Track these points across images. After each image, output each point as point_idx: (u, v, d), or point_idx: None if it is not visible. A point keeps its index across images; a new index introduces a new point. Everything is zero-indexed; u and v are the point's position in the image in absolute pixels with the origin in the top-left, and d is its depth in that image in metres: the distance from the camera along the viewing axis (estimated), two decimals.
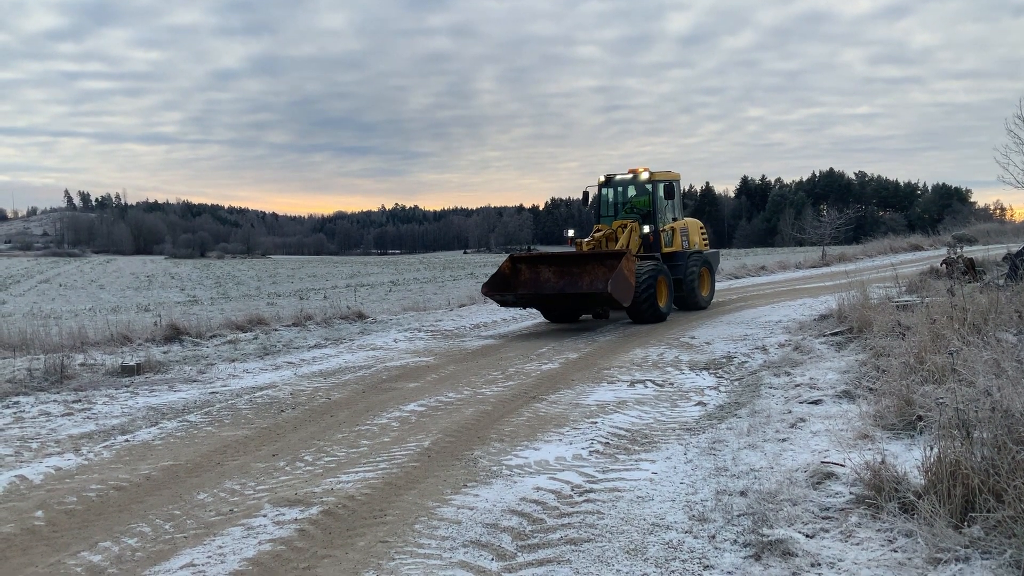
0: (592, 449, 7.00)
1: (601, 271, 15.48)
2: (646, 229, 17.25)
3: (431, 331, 15.96)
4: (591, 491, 5.85)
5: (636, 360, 11.78)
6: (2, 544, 5.07)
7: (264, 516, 5.48)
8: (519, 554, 4.74)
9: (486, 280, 16.18)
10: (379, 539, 5.01)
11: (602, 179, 18.62)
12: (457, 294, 27.46)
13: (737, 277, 31.14)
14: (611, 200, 18.73)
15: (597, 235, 17.21)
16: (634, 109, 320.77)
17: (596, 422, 7.99)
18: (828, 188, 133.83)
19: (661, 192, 17.65)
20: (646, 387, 9.77)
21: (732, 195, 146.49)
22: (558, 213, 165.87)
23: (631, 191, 18.57)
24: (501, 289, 16.03)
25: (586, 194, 18.99)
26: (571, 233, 17.73)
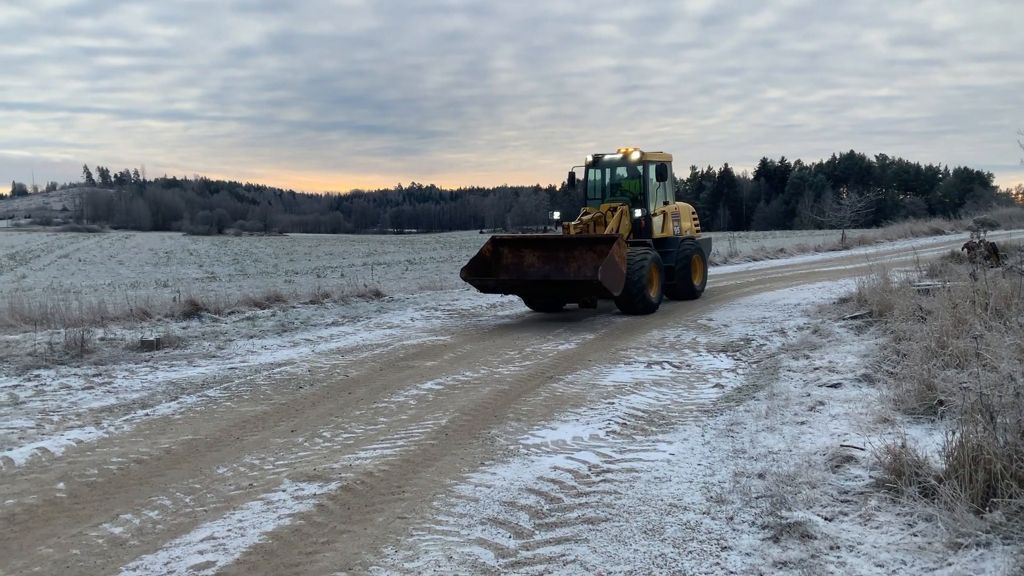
0: (609, 429, 7.01)
1: (590, 257, 14.36)
2: (637, 213, 15.99)
3: (447, 310, 15.97)
4: (608, 471, 5.86)
5: (653, 341, 11.75)
6: (25, 515, 5.13)
7: (283, 491, 5.51)
8: (536, 532, 4.75)
9: (465, 263, 14.85)
10: (397, 515, 5.04)
11: (589, 159, 17.27)
12: None
13: (755, 259, 30.97)
14: (599, 182, 17.45)
15: (585, 218, 15.89)
16: (652, 89, 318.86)
17: (613, 403, 7.99)
18: (848, 171, 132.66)
19: (653, 174, 16.47)
20: (663, 368, 9.76)
21: (751, 177, 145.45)
22: (575, 194, 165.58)
23: (621, 172, 17.36)
24: (481, 273, 14.78)
25: (572, 175, 17.78)
26: (557, 215, 16.63)
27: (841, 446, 5.75)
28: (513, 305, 17.09)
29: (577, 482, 5.63)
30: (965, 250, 15.43)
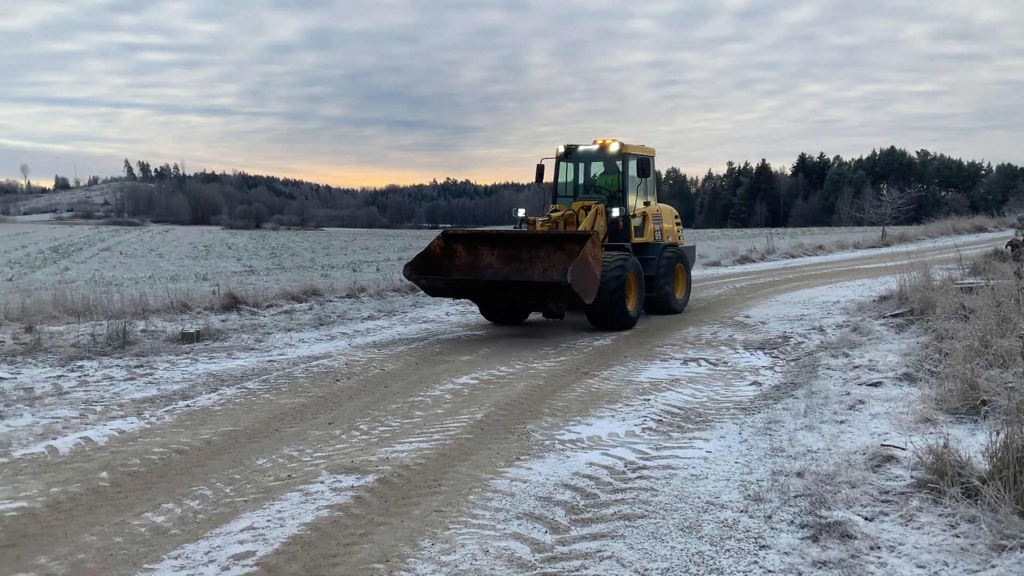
0: (645, 426, 6.98)
1: (559, 257, 12.20)
2: (615, 213, 13.75)
3: None
4: (644, 468, 5.84)
5: (689, 338, 11.68)
6: (69, 503, 5.23)
7: (321, 482, 5.57)
8: (573, 528, 4.76)
9: (409, 260, 12.57)
10: (434, 508, 5.07)
11: (561, 150, 14.95)
12: None
13: (793, 256, 30.65)
14: (571, 177, 15.17)
15: (554, 215, 13.71)
16: (689, 84, 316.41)
17: (649, 399, 7.96)
18: (888, 167, 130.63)
19: (633, 170, 14.21)
20: (699, 365, 9.70)
21: (789, 173, 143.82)
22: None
23: (597, 167, 15.29)
24: (428, 272, 12.51)
25: (540, 168, 14.95)
26: (522, 213, 14.13)
27: (882, 445, 5.68)
28: None
29: (613, 478, 5.62)
30: (1009, 248, 15.15)
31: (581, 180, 15.09)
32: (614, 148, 14.25)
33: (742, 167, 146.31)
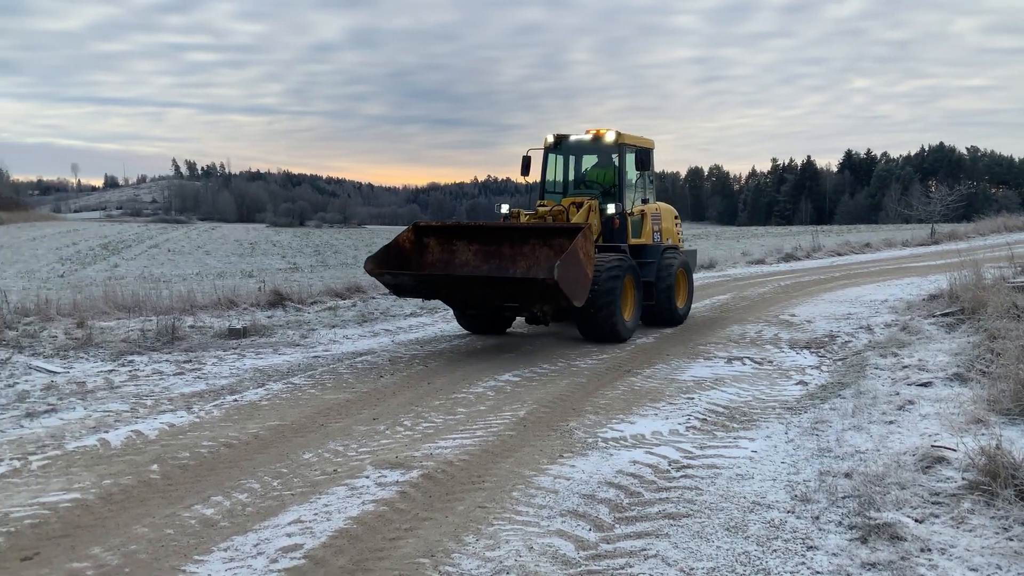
0: (689, 425, 6.94)
1: (545, 253, 10.72)
2: (611, 209, 12.21)
3: None
4: (689, 467, 5.81)
5: (733, 336, 11.58)
6: (121, 495, 5.35)
7: (367, 477, 5.62)
8: (617, 526, 4.75)
9: (371, 254, 10.88)
10: (477, 504, 5.09)
11: (550, 140, 13.22)
12: None
13: (840, 254, 30.22)
14: (561, 170, 13.61)
15: (542, 210, 12.26)
16: (732, 80, 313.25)
17: (692, 398, 7.91)
18: (937, 163, 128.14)
19: (631, 163, 12.70)
20: (744, 364, 9.61)
21: (834, 169, 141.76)
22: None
23: (590, 160, 13.67)
24: (394, 267, 10.89)
25: (527, 160, 13.26)
26: (505, 209, 12.45)
27: (932, 446, 5.58)
28: None
29: (657, 477, 5.60)
30: None
31: (572, 174, 13.61)
32: (609, 138, 12.61)
33: (787, 164, 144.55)
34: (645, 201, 13.30)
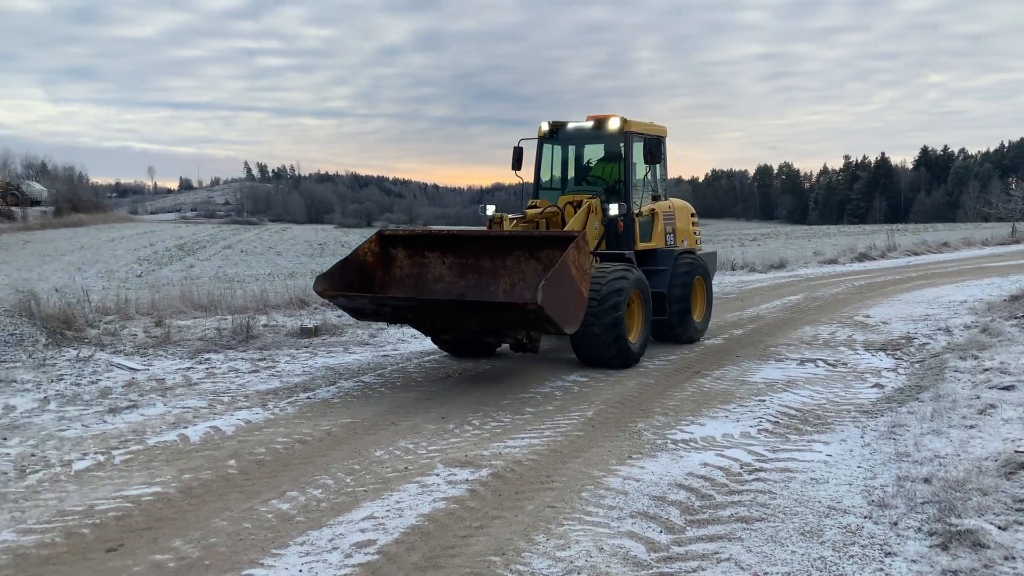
0: (761, 427, 6.84)
1: (532, 267, 8.92)
2: (614, 210, 10.35)
3: None
4: (761, 470, 5.72)
5: (805, 338, 11.36)
6: (201, 489, 5.50)
7: (437, 475, 5.68)
8: (688, 528, 4.70)
9: (324, 271, 9.08)
10: (547, 504, 5.10)
11: (545, 128, 11.39)
12: None
13: (916, 254, 29.39)
14: (559, 164, 11.81)
15: (531, 212, 10.52)
16: (802, 76, 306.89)
17: (764, 400, 7.78)
18: (1018, 160, 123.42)
19: (639, 154, 11.01)
20: (817, 366, 9.42)
21: (910, 167, 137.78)
22: (719, 186, 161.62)
23: (593, 151, 11.84)
24: (355, 285, 9.13)
25: (518, 152, 11.51)
26: (491, 211, 10.72)
27: (1016, 452, 5.39)
28: None
29: (728, 480, 5.53)
30: None
31: (572, 168, 11.84)
32: (614, 125, 10.83)
33: (860, 161, 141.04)
34: (656, 198, 11.52)
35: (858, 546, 4.37)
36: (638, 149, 11.01)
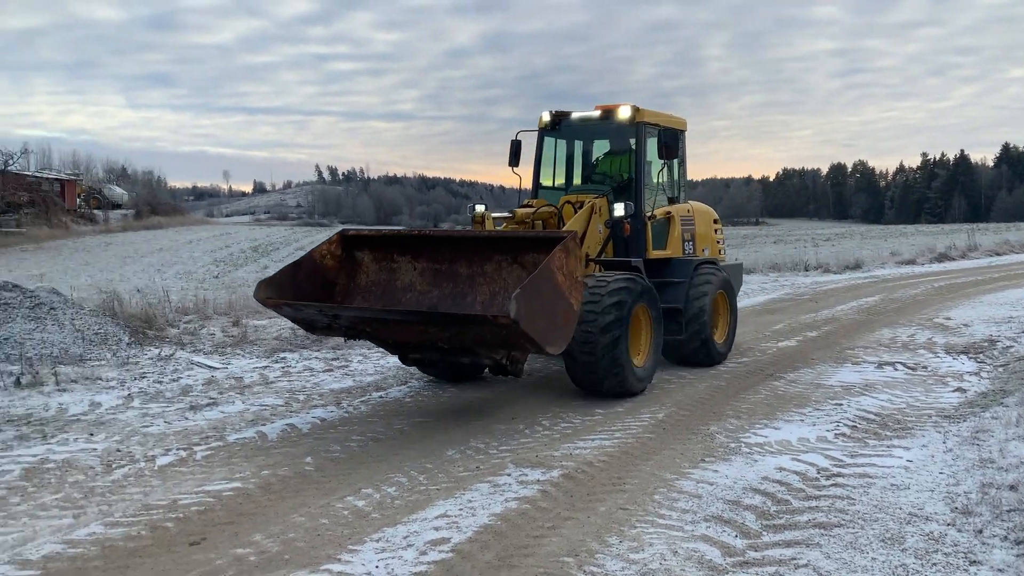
0: (838, 432, 6.69)
1: (515, 274, 7.53)
2: (619, 210, 9.05)
3: None
4: (839, 475, 5.61)
5: (883, 341, 11.08)
6: (279, 486, 5.63)
7: (508, 475, 5.71)
8: (764, 533, 4.64)
9: (271, 275, 7.75)
10: (619, 506, 5.08)
11: (546, 119, 10.11)
12: None
13: (998, 254, 28.42)
14: (563, 159, 10.43)
15: (521, 211, 9.11)
16: (876, 72, 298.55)
17: (841, 404, 7.62)
18: None
19: (652, 149, 9.64)
20: (896, 370, 9.18)
21: (990, 164, 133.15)
22: (790, 184, 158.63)
23: (600, 148, 10.46)
24: (303, 295, 7.70)
25: (516, 145, 10.17)
26: (480, 209, 9.07)
27: None
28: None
29: (805, 484, 5.43)
30: None
31: (578, 164, 10.45)
32: (624, 114, 9.51)
33: (938, 158, 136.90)
34: (673, 200, 10.16)
35: (941, 554, 4.25)
36: (652, 143, 9.61)
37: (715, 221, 11.28)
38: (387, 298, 8.04)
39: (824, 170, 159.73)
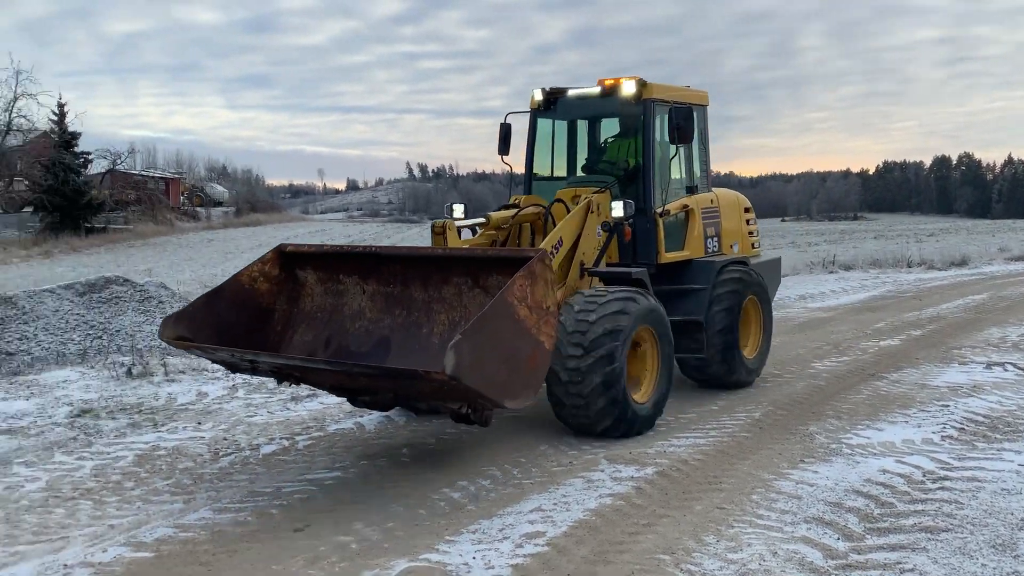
0: (944, 434, 6.46)
1: (477, 300, 5.99)
2: (617, 210, 7.43)
3: None
4: (946, 479, 5.42)
5: (992, 340, 10.62)
6: (378, 476, 5.77)
7: (601, 471, 5.71)
8: (868, 536, 4.52)
9: (182, 308, 6.53)
10: (716, 505, 5.03)
11: (538, 98, 8.51)
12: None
13: None
14: (562, 145, 8.85)
15: (497, 215, 7.51)
16: (984, 61, 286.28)
17: (948, 405, 7.34)
18: None
19: (662, 129, 8.02)
20: (1006, 370, 8.79)
21: None
22: (891, 178, 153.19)
23: (607, 128, 8.76)
24: (227, 328, 6.25)
25: (505, 129, 8.79)
26: (459, 212, 7.83)
27: None
28: (824, 296, 16.18)
29: (910, 487, 5.27)
30: None
31: (580, 151, 8.88)
32: (628, 90, 7.91)
33: None
34: (693, 190, 8.48)
35: None
36: (661, 122, 7.99)
37: (746, 210, 9.60)
38: (333, 327, 6.57)
39: (927, 163, 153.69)
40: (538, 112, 8.61)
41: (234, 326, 6.29)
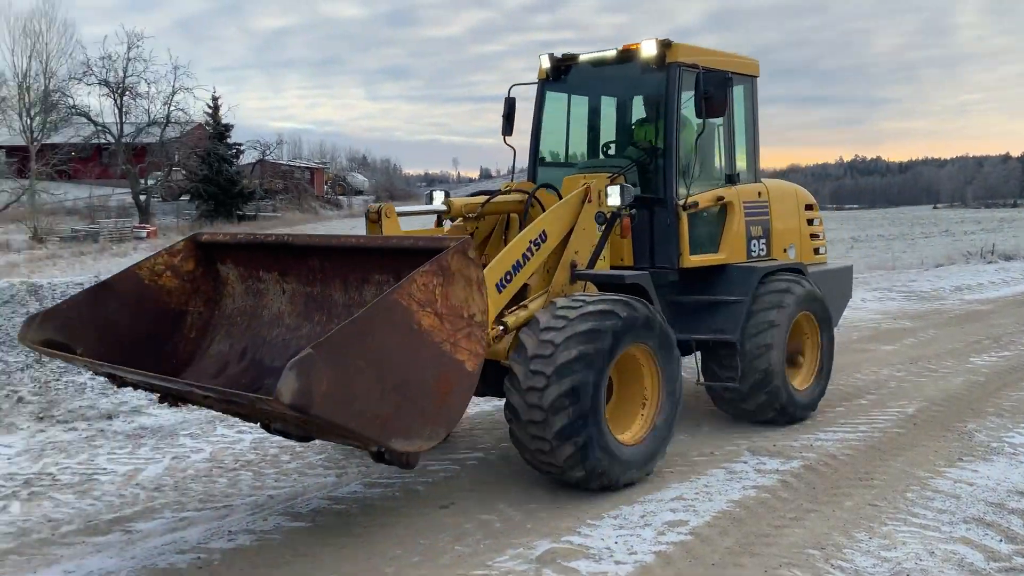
0: None
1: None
2: (613, 197, 5.84)
3: (903, 292, 14.82)
4: None
5: None
6: (520, 460, 5.85)
7: (744, 463, 5.61)
8: None
9: (53, 306, 5.12)
10: (867, 502, 4.86)
11: (546, 66, 7.21)
12: (931, 253, 25.01)
13: None
14: (579, 121, 7.45)
15: (461, 201, 6.18)
16: None
17: None
18: None
19: (687, 98, 6.41)
20: None
21: None
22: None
23: (635, 102, 7.30)
24: (117, 331, 4.99)
25: (510, 105, 7.41)
26: (439, 200, 6.30)
27: None
28: (983, 288, 15.26)
29: None
30: None
31: (599, 127, 7.47)
32: (648, 51, 6.45)
33: None
34: (733, 179, 6.89)
35: None
36: (687, 91, 6.40)
37: (808, 207, 7.83)
38: (251, 335, 5.30)
39: None
40: (547, 83, 7.26)
41: (128, 331, 5.08)
